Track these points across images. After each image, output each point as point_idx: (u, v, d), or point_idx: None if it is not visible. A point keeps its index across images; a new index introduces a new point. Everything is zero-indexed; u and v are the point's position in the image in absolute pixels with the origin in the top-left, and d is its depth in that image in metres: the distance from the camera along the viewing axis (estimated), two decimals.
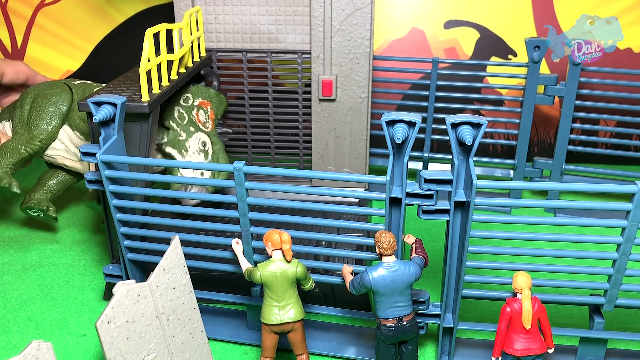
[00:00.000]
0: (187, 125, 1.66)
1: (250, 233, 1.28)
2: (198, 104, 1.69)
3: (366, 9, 1.73)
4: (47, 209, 1.78)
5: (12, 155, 1.72)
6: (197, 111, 1.69)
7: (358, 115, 1.84)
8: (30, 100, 1.75)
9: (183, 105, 1.67)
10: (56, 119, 1.72)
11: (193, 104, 1.68)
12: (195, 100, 1.69)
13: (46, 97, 1.73)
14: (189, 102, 1.67)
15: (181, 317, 1.20)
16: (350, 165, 1.90)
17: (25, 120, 1.74)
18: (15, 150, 1.72)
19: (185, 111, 1.66)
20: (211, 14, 1.82)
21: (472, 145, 1.13)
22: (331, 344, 1.41)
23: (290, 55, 1.86)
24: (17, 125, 1.76)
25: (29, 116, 1.73)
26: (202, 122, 1.69)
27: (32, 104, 1.74)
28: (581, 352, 1.34)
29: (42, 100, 1.73)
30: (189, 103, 1.67)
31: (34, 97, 1.75)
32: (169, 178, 1.33)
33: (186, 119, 1.66)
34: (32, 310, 1.56)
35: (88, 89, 1.76)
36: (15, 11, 2.40)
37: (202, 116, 1.69)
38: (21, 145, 1.72)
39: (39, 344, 0.94)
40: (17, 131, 1.75)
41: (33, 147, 1.72)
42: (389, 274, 1.17)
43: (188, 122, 1.66)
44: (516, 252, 1.23)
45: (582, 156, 2.29)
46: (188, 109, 1.67)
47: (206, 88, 1.75)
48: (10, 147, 1.72)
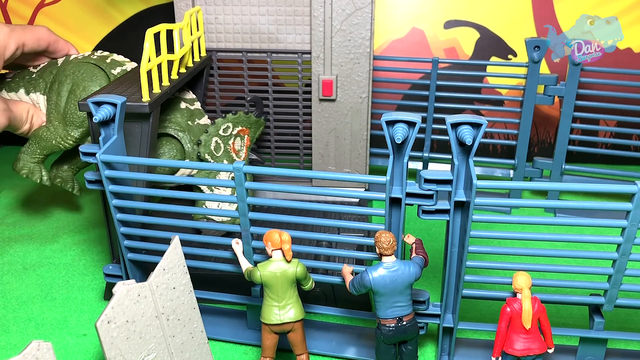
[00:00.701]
0: (222, 158, 1.66)
1: (251, 233, 1.28)
2: (237, 132, 1.69)
3: (366, 9, 1.73)
4: (72, 189, 1.83)
5: (45, 147, 1.70)
6: (235, 139, 1.68)
7: (358, 115, 1.84)
8: (68, 88, 1.69)
9: (222, 135, 1.66)
10: None
11: (232, 133, 1.68)
12: (235, 129, 1.69)
13: (85, 90, 1.67)
14: (228, 132, 1.67)
15: (181, 317, 1.20)
16: (351, 165, 1.90)
17: (61, 110, 1.69)
18: (49, 143, 1.69)
19: (223, 141, 1.66)
20: (211, 14, 1.82)
21: (472, 145, 1.13)
22: (331, 344, 1.41)
23: (291, 55, 1.86)
24: (52, 112, 1.70)
25: (66, 107, 1.68)
26: (237, 150, 1.69)
27: (70, 94, 1.68)
28: (581, 352, 1.34)
29: (80, 93, 1.67)
30: (228, 132, 1.67)
31: (72, 86, 1.69)
32: (169, 178, 1.32)
33: (222, 149, 1.66)
34: (32, 310, 1.56)
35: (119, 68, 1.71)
36: (15, 11, 2.40)
37: (237, 144, 1.69)
38: (55, 140, 1.69)
39: (39, 344, 0.94)
40: (51, 120, 1.70)
41: (67, 144, 1.70)
42: (389, 274, 1.17)
43: (223, 154, 1.66)
44: (516, 252, 1.23)
45: (582, 156, 2.29)
46: (226, 138, 1.66)
47: (247, 116, 1.73)
48: (45, 138, 1.69)
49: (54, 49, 1.84)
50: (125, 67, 1.73)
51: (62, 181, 1.84)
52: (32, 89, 1.77)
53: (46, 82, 1.76)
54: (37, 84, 1.77)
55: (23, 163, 1.73)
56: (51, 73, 1.76)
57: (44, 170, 1.75)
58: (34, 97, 1.76)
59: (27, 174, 1.73)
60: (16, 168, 1.73)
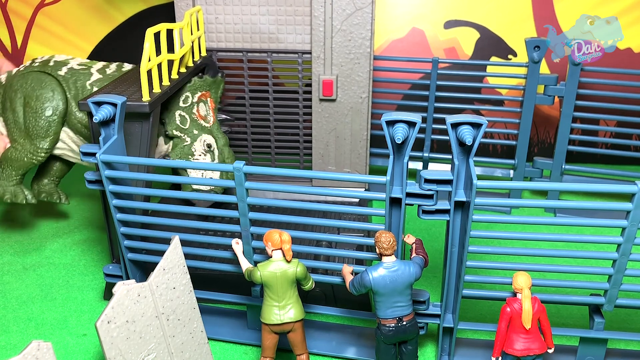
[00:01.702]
0: (191, 129, 1.65)
1: (251, 233, 1.28)
2: (198, 98, 1.67)
3: (367, 9, 1.73)
4: (59, 200, 1.82)
5: (19, 167, 1.68)
6: (198, 107, 1.67)
7: (358, 115, 1.84)
8: (21, 102, 1.66)
9: (183, 107, 1.64)
10: (55, 124, 1.65)
11: (193, 102, 1.66)
12: (195, 96, 1.67)
13: (39, 99, 1.64)
14: (188, 102, 1.65)
15: (181, 317, 1.20)
16: (351, 165, 1.90)
17: (22, 127, 1.66)
18: (21, 162, 1.67)
19: (187, 112, 1.65)
20: (212, 14, 1.82)
21: (472, 145, 1.13)
22: (331, 344, 1.41)
23: (291, 55, 1.86)
24: (13, 131, 1.68)
25: (26, 122, 1.65)
26: (203, 116, 1.67)
27: (24, 108, 1.66)
28: (581, 352, 1.34)
29: (35, 103, 1.64)
30: (188, 102, 1.65)
31: (24, 99, 1.66)
32: (169, 178, 1.32)
33: (188, 121, 1.64)
34: (32, 310, 1.56)
35: (79, 81, 1.66)
36: (15, 11, 2.40)
37: (202, 110, 1.67)
38: (26, 157, 1.67)
39: (39, 344, 0.94)
40: (15, 139, 1.68)
41: (39, 157, 1.67)
42: (389, 274, 1.17)
43: (191, 125, 1.65)
44: (516, 252, 1.23)
45: (582, 156, 2.29)
46: (188, 109, 1.65)
47: (202, 80, 1.69)
48: (15, 158, 1.67)
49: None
50: (70, 65, 1.70)
51: (47, 195, 1.82)
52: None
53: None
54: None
55: (3, 189, 1.71)
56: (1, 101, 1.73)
57: (26, 190, 1.73)
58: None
59: (10, 199, 1.71)
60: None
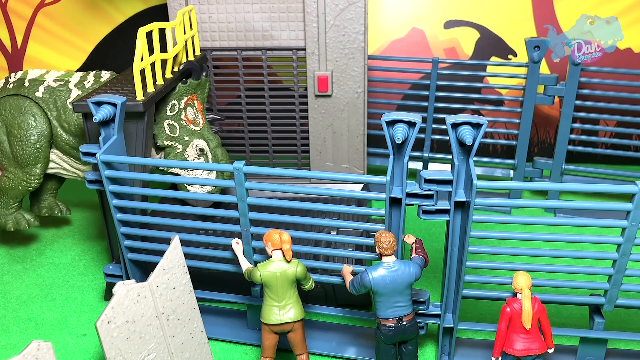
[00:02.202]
0: (181, 135, 1.64)
1: (250, 233, 1.28)
2: (184, 104, 1.66)
3: (359, 4, 1.73)
4: (61, 213, 1.84)
5: (15, 195, 1.68)
6: (186, 112, 1.66)
7: (355, 111, 1.84)
8: (3, 131, 1.64)
9: (170, 115, 1.62)
10: (43, 149, 1.64)
11: (180, 108, 1.64)
12: (181, 102, 1.65)
13: (22, 127, 1.62)
14: (175, 109, 1.63)
15: (181, 317, 1.20)
16: (349, 161, 1.90)
17: (10, 156, 1.65)
18: (16, 190, 1.67)
19: (175, 120, 1.63)
20: (205, 13, 1.82)
21: (473, 146, 1.13)
22: (331, 344, 1.41)
23: (285, 52, 1.86)
24: (2, 160, 1.67)
25: (13, 151, 1.63)
26: (192, 120, 1.66)
27: (9, 137, 1.64)
28: (581, 352, 1.34)
29: (18, 131, 1.62)
30: (175, 110, 1.63)
31: (7, 128, 1.64)
32: (169, 178, 1.33)
33: (177, 128, 1.63)
34: (32, 310, 1.56)
35: (59, 99, 1.63)
36: (15, 11, 2.40)
37: (190, 114, 1.66)
38: (20, 185, 1.67)
39: (39, 344, 0.94)
40: (6, 167, 1.67)
41: (34, 184, 1.67)
42: (389, 274, 1.17)
43: (181, 132, 1.64)
44: (516, 252, 1.23)
45: (582, 156, 2.29)
46: (176, 116, 1.63)
47: (186, 85, 1.66)
48: (10, 187, 1.67)
49: None
50: (47, 83, 1.66)
51: (48, 210, 1.82)
52: None
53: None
54: None
55: (4, 218, 1.71)
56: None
57: (27, 214, 1.73)
58: None
59: (13, 227, 1.71)
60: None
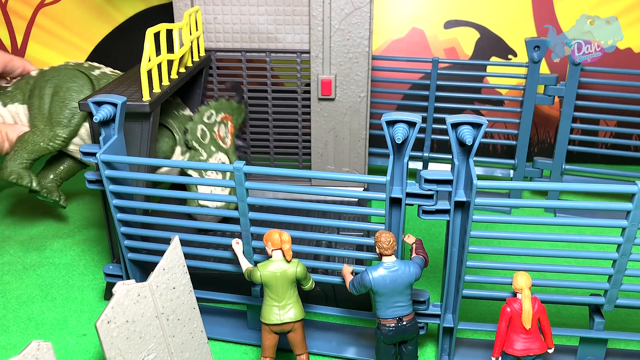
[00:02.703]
0: (209, 145, 1.66)
1: (250, 233, 1.28)
2: (220, 119, 1.69)
3: (365, 9, 1.73)
4: (59, 199, 1.81)
5: (33, 151, 1.68)
6: (219, 127, 1.69)
7: (357, 115, 1.84)
8: (50, 91, 1.68)
9: (206, 122, 1.66)
10: (79, 115, 1.67)
11: (216, 120, 1.68)
12: (218, 116, 1.69)
13: (69, 90, 1.67)
14: (212, 119, 1.67)
15: (181, 317, 1.20)
16: (350, 165, 1.90)
17: (46, 114, 1.68)
18: (36, 147, 1.67)
19: (208, 129, 1.66)
20: (210, 14, 1.82)
21: (473, 146, 1.13)
22: (331, 344, 1.41)
23: (290, 55, 1.86)
24: (36, 117, 1.69)
25: (51, 110, 1.67)
26: (222, 137, 1.69)
27: (53, 97, 1.68)
28: (581, 352, 1.34)
29: (64, 94, 1.67)
30: (212, 120, 1.67)
31: (54, 88, 1.68)
32: (170, 178, 1.33)
33: (208, 137, 1.65)
34: (32, 310, 1.56)
35: (109, 81, 1.68)
36: (15, 11, 2.40)
37: (222, 131, 1.69)
38: (43, 142, 1.67)
39: (39, 344, 0.94)
40: (36, 124, 1.69)
41: (55, 145, 1.68)
42: (389, 274, 1.17)
43: (210, 141, 1.66)
44: (516, 252, 1.23)
45: (582, 156, 2.29)
46: (211, 125, 1.66)
47: (229, 102, 1.74)
48: (31, 142, 1.67)
49: (10, 68, 1.81)
50: (103, 70, 1.73)
51: (48, 191, 1.81)
52: (8, 100, 1.74)
53: (24, 91, 1.74)
54: (13, 95, 1.75)
55: (10, 169, 1.70)
56: (28, 83, 1.75)
57: (33, 175, 1.72)
58: (12, 108, 1.74)
59: (16, 179, 1.70)
60: (3, 175, 1.70)
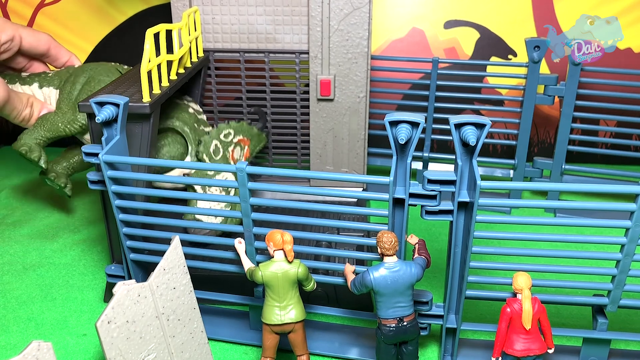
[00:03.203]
0: (220, 161, 1.66)
1: (253, 234, 1.28)
2: (238, 140, 1.69)
3: (364, 9, 1.73)
4: (65, 186, 1.82)
5: (50, 130, 1.70)
6: (234, 147, 1.68)
7: (356, 115, 1.84)
8: (83, 80, 1.72)
9: (222, 140, 1.65)
10: None
11: (232, 140, 1.67)
12: (236, 137, 1.69)
13: (100, 83, 1.70)
14: (228, 138, 1.66)
15: (181, 317, 1.20)
16: (349, 165, 1.90)
17: (73, 99, 1.71)
18: (54, 126, 1.69)
19: (222, 146, 1.65)
20: (208, 14, 1.81)
21: (476, 146, 1.13)
22: (332, 344, 1.41)
23: (288, 55, 1.86)
24: (63, 101, 1.72)
25: (78, 97, 1.70)
26: (236, 159, 1.68)
27: (84, 85, 1.71)
28: (584, 353, 1.34)
29: (95, 85, 1.70)
30: (228, 139, 1.66)
31: (88, 79, 1.72)
32: (170, 178, 1.32)
33: (220, 154, 1.65)
34: (32, 310, 1.56)
35: None
36: (15, 11, 2.40)
37: (237, 153, 1.69)
38: (61, 123, 1.70)
39: (39, 344, 0.93)
40: (61, 106, 1.72)
41: (72, 128, 1.70)
42: (390, 274, 1.17)
43: (221, 159, 1.66)
44: (520, 252, 1.23)
45: (582, 156, 2.29)
46: (226, 144, 1.66)
47: (250, 126, 1.74)
48: (50, 121, 1.70)
49: (55, 53, 1.85)
50: None
51: (56, 176, 1.83)
52: (46, 83, 1.79)
53: (62, 78, 1.78)
54: (51, 80, 1.79)
55: (23, 141, 1.71)
56: (68, 72, 1.79)
57: (43, 152, 1.73)
58: (46, 91, 1.78)
59: (26, 151, 1.70)
60: (15, 146, 1.71)
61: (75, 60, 1.89)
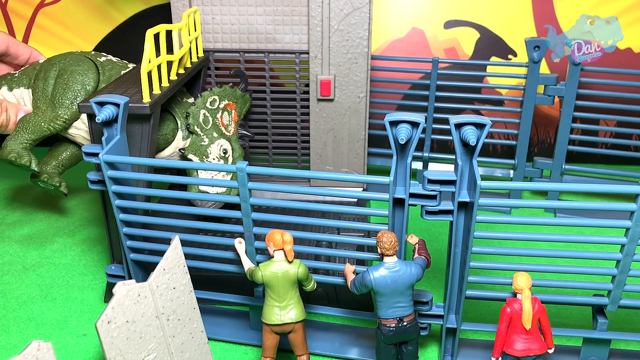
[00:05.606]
0: (211, 130, 1.65)
1: (253, 233, 1.28)
2: (224, 106, 1.69)
3: (364, 9, 1.73)
4: (59, 184, 1.78)
5: (34, 132, 1.66)
6: (222, 113, 1.68)
7: (356, 115, 1.84)
8: (55, 74, 1.69)
9: (209, 108, 1.65)
10: (81, 97, 1.66)
11: (219, 107, 1.67)
12: (222, 103, 1.69)
13: (73, 73, 1.67)
14: (215, 105, 1.66)
15: (181, 317, 1.20)
16: (349, 165, 1.90)
17: (49, 96, 1.67)
18: (37, 127, 1.66)
19: (211, 114, 1.65)
20: (208, 14, 1.81)
21: (476, 146, 1.13)
22: (333, 344, 1.41)
23: (288, 56, 1.86)
24: (39, 99, 1.69)
25: (54, 92, 1.67)
26: (225, 124, 1.68)
27: (57, 79, 1.68)
28: (585, 353, 1.34)
29: (68, 76, 1.67)
30: (215, 106, 1.66)
31: (59, 71, 1.69)
32: (172, 179, 1.32)
33: (210, 122, 1.65)
34: (32, 310, 1.56)
35: (114, 70, 1.70)
36: (15, 11, 2.40)
37: (225, 118, 1.69)
38: (44, 123, 1.66)
39: (39, 344, 0.93)
40: (39, 106, 1.68)
41: (56, 126, 1.66)
42: (390, 274, 1.17)
43: (212, 127, 1.65)
44: (520, 252, 1.23)
45: (582, 156, 2.29)
46: (213, 111, 1.66)
47: (233, 89, 1.74)
48: (32, 123, 1.66)
49: (14, 51, 1.80)
50: (109, 58, 1.73)
51: (49, 177, 1.77)
52: (15, 85, 1.74)
53: (29, 76, 1.74)
54: (20, 80, 1.74)
55: (10, 148, 1.67)
56: (34, 68, 1.75)
57: (33, 156, 1.69)
58: (17, 93, 1.74)
59: (15, 158, 1.66)
60: (2, 154, 1.67)
61: (38, 54, 1.84)
